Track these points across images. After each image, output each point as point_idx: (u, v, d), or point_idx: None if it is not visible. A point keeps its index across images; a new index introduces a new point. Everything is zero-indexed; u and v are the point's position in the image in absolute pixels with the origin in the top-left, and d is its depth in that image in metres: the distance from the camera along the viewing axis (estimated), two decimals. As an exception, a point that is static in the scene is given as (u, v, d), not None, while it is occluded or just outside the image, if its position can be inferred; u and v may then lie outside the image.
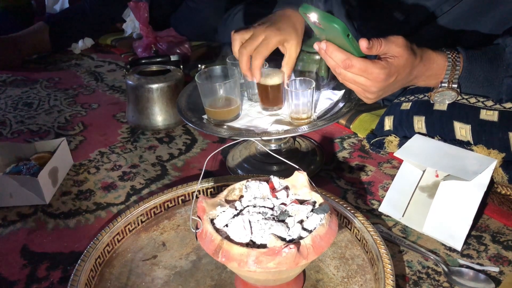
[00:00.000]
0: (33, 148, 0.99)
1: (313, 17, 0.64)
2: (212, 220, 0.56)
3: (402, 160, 0.80)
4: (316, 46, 0.68)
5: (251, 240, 0.53)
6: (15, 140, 1.16)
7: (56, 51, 1.84)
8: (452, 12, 0.88)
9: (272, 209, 0.57)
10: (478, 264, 0.68)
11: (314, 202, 0.58)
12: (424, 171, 0.78)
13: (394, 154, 0.80)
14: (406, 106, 0.88)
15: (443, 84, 0.75)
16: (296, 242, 0.51)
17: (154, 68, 1.19)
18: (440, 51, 0.73)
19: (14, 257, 0.76)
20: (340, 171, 0.94)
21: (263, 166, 0.94)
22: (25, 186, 0.86)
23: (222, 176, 0.86)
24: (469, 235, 0.73)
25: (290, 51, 0.83)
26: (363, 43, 0.65)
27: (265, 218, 0.54)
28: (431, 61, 0.72)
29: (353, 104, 0.86)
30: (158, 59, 1.33)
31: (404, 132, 0.88)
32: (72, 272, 0.65)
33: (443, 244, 0.72)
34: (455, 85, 0.74)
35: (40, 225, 0.83)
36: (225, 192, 0.61)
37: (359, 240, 0.71)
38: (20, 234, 0.81)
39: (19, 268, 0.73)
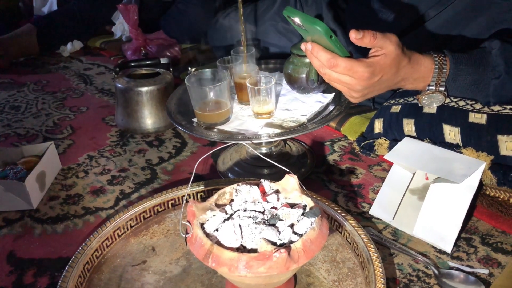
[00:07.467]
0: (20, 152, 0.97)
1: (297, 19, 0.65)
2: (202, 225, 0.56)
3: (392, 163, 0.80)
4: (303, 46, 0.68)
5: (242, 245, 0.52)
6: (2, 144, 1.15)
7: (44, 53, 1.82)
8: (439, 18, 0.89)
9: (262, 213, 0.56)
10: (468, 266, 0.68)
11: (305, 206, 0.58)
12: (414, 174, 0.78)
13: (384, 157, 0.81)
14: (396, 109, 0.88)
15: (430, 87, 0.75)
16: (286, 246, 0.51)
17: (143, 71, 1.19)
18: (427, 54, 0.74)
19: (0, 264, 0.74)
20: (330, 174, 0.94)
21: (253, 169, 0.94)
22: (12, 191, 0.84)
23: (213, 179, 0.85)
24: (458, 237, 0.73)
25: None
26: (351, 34, 0.65)
27: (256, 222, 0.54)
28: (419, 64, 0.73)
29: (343, 107, 0.86)
30: (147, 62, 1.31)
31: (394, 135, 0.88)
32: (59, 279, 0.64)
33: (433, 247, 0.72)
34: (442, 88, 0.75)
35: (27, 231, 0.82)
36: (215, 196, 0.61)
37: (350, 243, 0.71)
38: (6, 240, 0.80)
39: (5, 274, 0.72)
